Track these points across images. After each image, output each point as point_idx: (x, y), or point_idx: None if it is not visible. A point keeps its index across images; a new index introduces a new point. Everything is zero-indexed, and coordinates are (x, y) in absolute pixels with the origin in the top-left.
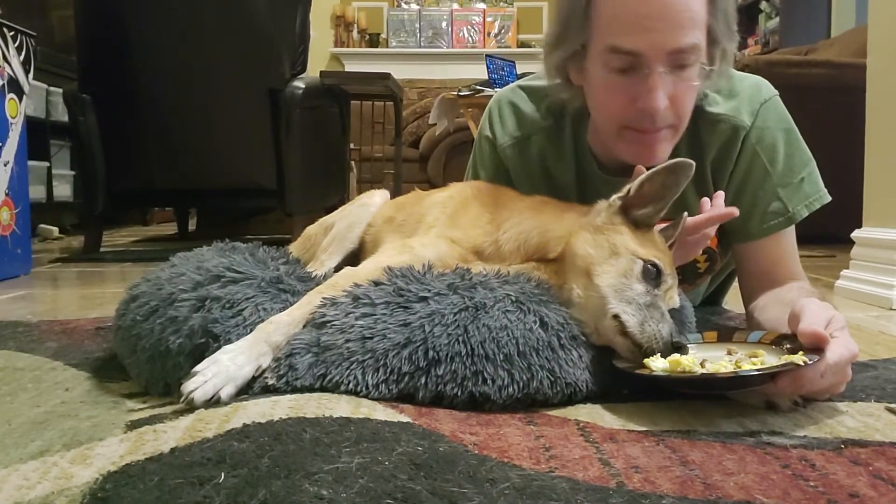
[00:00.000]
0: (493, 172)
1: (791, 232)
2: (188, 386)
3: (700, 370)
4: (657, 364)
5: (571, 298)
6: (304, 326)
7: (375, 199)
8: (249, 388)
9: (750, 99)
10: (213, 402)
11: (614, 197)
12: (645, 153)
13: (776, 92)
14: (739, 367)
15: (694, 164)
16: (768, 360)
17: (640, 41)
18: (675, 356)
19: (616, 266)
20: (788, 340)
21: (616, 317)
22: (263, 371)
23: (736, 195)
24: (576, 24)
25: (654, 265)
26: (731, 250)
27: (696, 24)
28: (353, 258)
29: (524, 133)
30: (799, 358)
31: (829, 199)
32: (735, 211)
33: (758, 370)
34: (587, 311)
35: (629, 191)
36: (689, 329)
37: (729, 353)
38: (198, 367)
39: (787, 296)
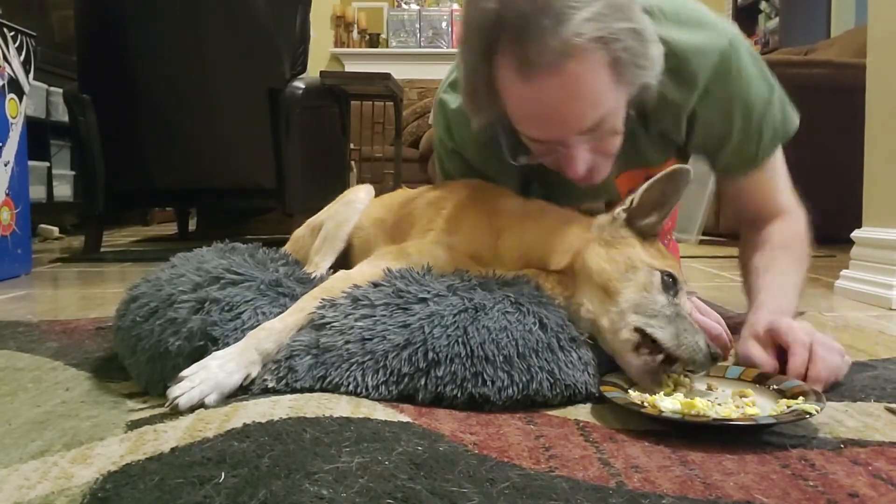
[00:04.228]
0: (463, 173)
1: (773, 161)
2: (174, 391)
3: (714, 414)
4: (666, 404)
5: (580, 314)
6: (302, 329)
7: (360, 196)
8: (249, 389)
9: (712, 48)
10: (198, 408)
11: (619, 209)
12: (589, 180)
13: (735, 32)
14: (738, 409)
15: (692, 170)
16: (759, 401)
17: (545, 134)
18: (681, 396)
19: (635, 280)
20: (773, 381)
21: (638, 330)
22: (253, 379)
23: (705, 137)
24: (484, 101)
25: (670, 275)
26: (718, 186)
27: (600, 101)
28: (344, 257)
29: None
30: (811, 407)
31: (797, 122)
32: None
33: (776, 419)
34: (602, 327)
35: (632, 202)
36: None
37: (709, 388)
38: (185, 372)
39: (773, 266)
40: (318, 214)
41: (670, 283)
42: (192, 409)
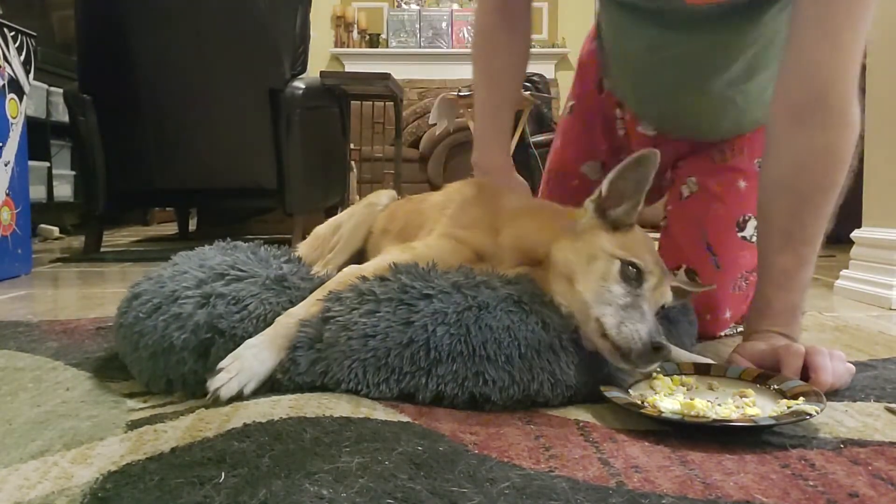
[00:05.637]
0: None
1: None
2: (213, 383)
3: (713, 415)
4: (666, 405)
5: (559, 307)
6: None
7: (382, 199)
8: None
9: None
10: (237, 399)
11: (587, 201)
12: None
13: None
14: (738, 409)
15: (658, 153)
16: (759, 402)
17: None
18: (680, 396)
19: (594, 269)
20: (774, 381)
21: (597, 319)
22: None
23: None
24: None
25: (633, 264)
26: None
27: None
28: (360, 257)
29: None
30: (811, 408)
31: None
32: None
33: (776, 419)
34: (575, 316)
35: (600, 193)
36: (691, 335)
37: (710, 388)
38: (222, 364)
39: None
40: (340, 214)
41: (632, 273)
42: (231, 400)
